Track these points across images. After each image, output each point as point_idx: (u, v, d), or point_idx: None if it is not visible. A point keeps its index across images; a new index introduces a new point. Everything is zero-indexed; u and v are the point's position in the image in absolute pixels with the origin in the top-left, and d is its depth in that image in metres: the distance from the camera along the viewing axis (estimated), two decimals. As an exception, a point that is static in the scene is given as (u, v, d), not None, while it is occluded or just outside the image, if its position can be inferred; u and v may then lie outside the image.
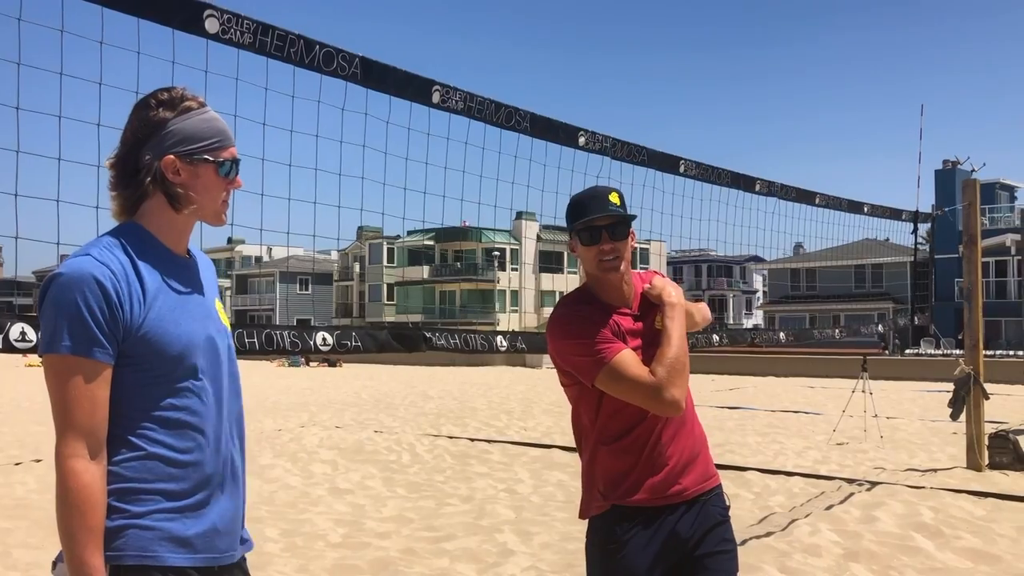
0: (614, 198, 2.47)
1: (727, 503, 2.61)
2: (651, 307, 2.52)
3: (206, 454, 1.87)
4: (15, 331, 2.59)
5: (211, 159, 1.90)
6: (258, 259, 77.20)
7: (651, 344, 2.44)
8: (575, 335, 2.44)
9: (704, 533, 2.48)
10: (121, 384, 1.80)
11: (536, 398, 19.26)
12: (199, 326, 1.90)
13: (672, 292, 2.52)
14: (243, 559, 2.01)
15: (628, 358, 2.39)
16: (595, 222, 2.42)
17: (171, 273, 1.89)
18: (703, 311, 3.06)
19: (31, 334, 2.59)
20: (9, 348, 2.54)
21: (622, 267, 2.46)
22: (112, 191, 1.92)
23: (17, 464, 9.89)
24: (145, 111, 1.90)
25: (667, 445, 2.45)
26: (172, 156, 1.87)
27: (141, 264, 1.83)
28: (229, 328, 2.03)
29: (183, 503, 1.82)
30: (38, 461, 10.11)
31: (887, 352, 33.57)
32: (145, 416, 1.81)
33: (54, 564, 1.84)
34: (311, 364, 35.70)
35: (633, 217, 2.50)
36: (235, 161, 1.96)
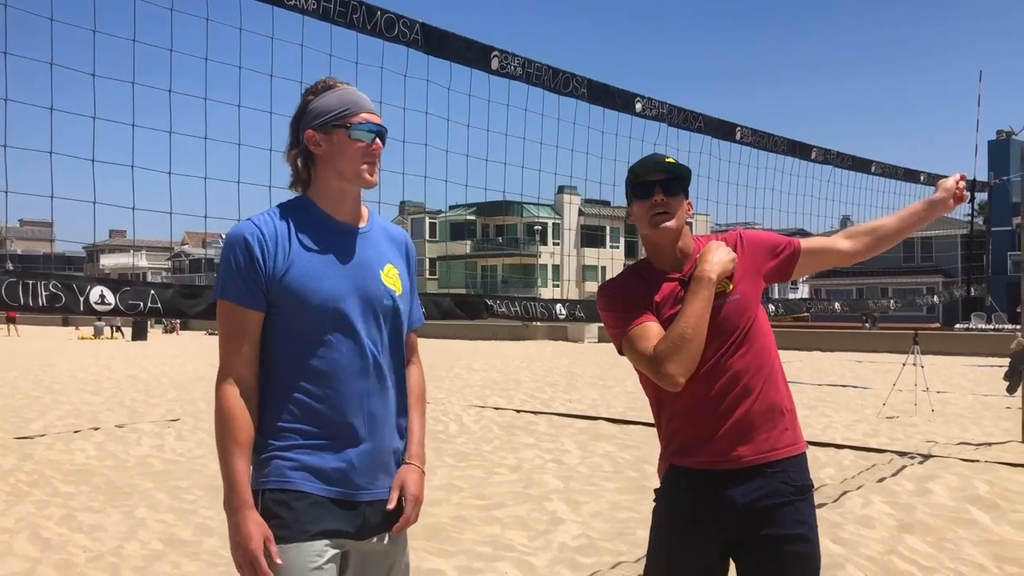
0: (670, 160, 2.51)
1: (808, 481, 2.47)
2: None
3: (343, 400, 2.08)
4: (95, 294, 2.65)
5: (339, 124, 2.12)
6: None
7: None
8: (609, 307, 2.51)
9: (770, 508, 2.39)
10: (270, 332, 2.08)
11: (580, 371, 19.30)
12: (348, 284, 2.11)
13: (711, 262, 2.44)
14: (385, 502, 2.14)
15: (643, 331, 2.40)
16: (648, 176, 2.48)
17: (326, 236, 2.12)
18: (888, 229, 2.68)
19: (110, 297, 2.65)
20: (89, 310, 2.61)
21: (673, 223, 2.46)
22: (292, 175, 2.20)
23: (76, 432, 10.17)
24: (301, 100, 2.19)
25: (727, 410, 2.40)
26: (311, 130, 2.13)
27: (296, 228, 2.09)
28: (398, 292, 2.20)
29: (319, 441, 2.06)
30: (96, 429, 10.39)
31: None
32: (290, 362, 2.07)
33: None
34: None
35: (688, 172, 2.52)
36: (368, 125, 2.14)
